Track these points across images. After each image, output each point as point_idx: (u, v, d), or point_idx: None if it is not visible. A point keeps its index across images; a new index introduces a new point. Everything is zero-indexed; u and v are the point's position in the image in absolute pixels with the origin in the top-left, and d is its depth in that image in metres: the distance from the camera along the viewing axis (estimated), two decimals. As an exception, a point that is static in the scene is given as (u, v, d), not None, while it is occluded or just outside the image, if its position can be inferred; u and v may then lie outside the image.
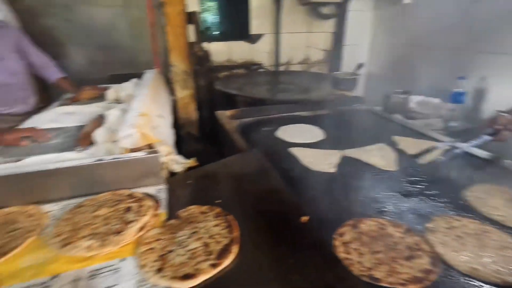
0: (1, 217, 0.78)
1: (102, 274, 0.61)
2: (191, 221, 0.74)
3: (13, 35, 1.76)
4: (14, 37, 1.76)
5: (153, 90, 1.61)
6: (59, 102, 1.92)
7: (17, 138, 1.18)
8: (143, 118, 1.04)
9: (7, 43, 1.69)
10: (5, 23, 1.81)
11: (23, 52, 1.79)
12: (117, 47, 2.57)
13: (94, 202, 0.81)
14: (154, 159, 0.89)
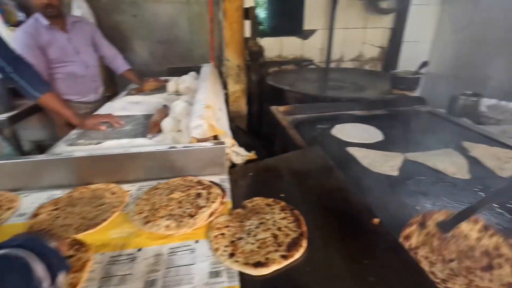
0: (90, 192, 0.88)
1: (180, 253, 0.66)
2: (257, 212, 0.76)
3: (90, 30, 1.95)
4: (90, 31, 1.94)
5: (211, 83, 1.68)
6: (125, 92, 2.10)
7: (96, 123, 1.32)
8: (208, 110, 1.10)
9: (84, 37, 1.88)
10: (83, 19, 2.01)
11: (97, 45, 1.98)
12: (176, 41, 2.72)
13: (167, 186, 0.88)
14: (220, 150, 0.94)
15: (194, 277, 0.59)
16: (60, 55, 1.73)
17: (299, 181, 0.88)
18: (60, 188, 0.91)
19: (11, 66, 1.14)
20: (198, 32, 2.70)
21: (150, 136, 1.21)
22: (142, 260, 0.64)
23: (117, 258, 0.65)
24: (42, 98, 1.21)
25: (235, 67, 2.20)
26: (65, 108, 1.27)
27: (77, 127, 1.35)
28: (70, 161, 0.90)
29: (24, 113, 1.87)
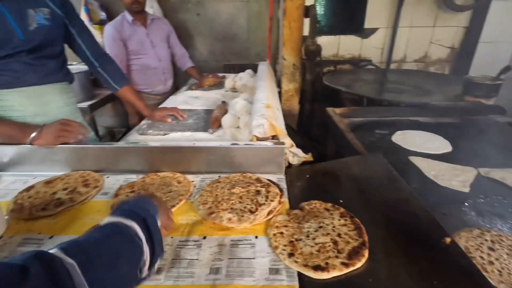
0: (159, 179, 0.97)
1: (241, 246, 0.70)
2: (315, 215, 0.76)
3: (166, 28, 2.17)
4: (167, 30, 2.16)
5: (269, 82, 1.71)
6: (186, 86, 2.24)
7: (164, 115, 1.44)
8: (268, 110, 1.12)
9: (161, 33, 2.10)
10: (161, 18, 2.22)
11: (170, 43, 2.18)
12: (234, 39, 2.81)
13: (228, 180, 0.93)
14: (280, 150, 0.96)
15: (255, 271, 0.62)
16: (138, 47, 1.96)
17: (359, 188, 0.86)
18: (135, 173, 1.02)
19: (98, 62, 1.30)
20: (255, 30, 2.75)
21: (211, 131, 1.29)
22: (207, 248, 0.69)
23: (185, 243, 0.71)
24: (121, 91, 1.36)
25: (290, 66, 2.20)
26: (138, 100, 1.41)
27: (146, 118, 1.49)
28: (144, 150, 1.00)
29: (101, 102, 2.11)
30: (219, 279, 0.61)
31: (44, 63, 1.07)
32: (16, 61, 1.00)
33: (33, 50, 1.02)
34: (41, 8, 1.03)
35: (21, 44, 0.99)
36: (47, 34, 1.05)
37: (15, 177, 1.01)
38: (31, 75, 1.04)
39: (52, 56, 1.11)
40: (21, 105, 1.04)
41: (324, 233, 0.70)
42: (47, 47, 1.07)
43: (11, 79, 1.00)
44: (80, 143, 1.03)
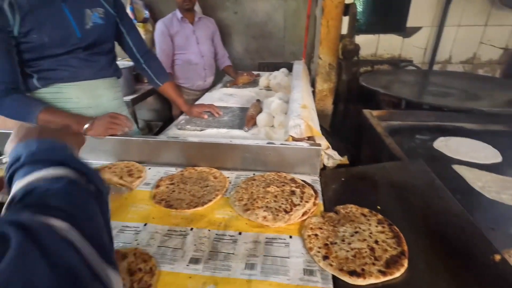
0: (197, 173, 1.01)
1: (276, 244, 0.71)
2: (351, 220, 0.75)
3: (212, 27, 2.29)
4: (212, 29, 2.27)
5: (305, 82, 1.70)
6: (221, 84, 2.29)
7: (201, 111, 1.49)
8: (305, 110, 1.12)
9: (206, 32, 2.21)
10: (209, 18, 2.32)
11: (214, 42, 2.27)
12: (269, 37, 2.81)
13: (263, 178, 0.94)
14: (316, 151, 0.95)
15: (289, 270, 0.63)
16: (183, 43, 2.09)
17: (399, 195, 0.83)
18: (174, 166, 1.07)
19: (143, 58, 1.37)
20: (291, 28, 2.73)
21: (246, 129, 1.31)
22: (242, 243, 0.71)
23: (222, 237, 0.73)
24: (162, 86, 1.43)
25: (326, 65, 2.16)
26: (178, 97, 1.47)
27: (184, 113, 1.55)
28: (183, 144, 1.05)
29: (141, 97, 2.23)
30: (254, 275, 0.62)
31: (97, 59, 1.16)
32: (74, 57, 1.09)
33: (88, 47, 1.11)
34: (96, 8, 1.12)
35: (79, 41, 1.07)
36: (101, 32, 1.13)
37: (69, 164, 1.11)
38: (86, 71, 1.12)
39: (104, 52, 1.19)
40: (77, 98, 1.13)
41: (360, 239, 0.69)
42: (100, 44, 1.15)
43: (69, 74, 1.09)
44: (126, 136, 1.10)
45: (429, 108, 1.74)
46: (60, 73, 1.08)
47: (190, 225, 0.78)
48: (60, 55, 1.05)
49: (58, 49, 1.03)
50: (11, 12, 0.89)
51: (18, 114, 0.99)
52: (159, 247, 0.70)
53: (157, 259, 0.66)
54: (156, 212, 0.84)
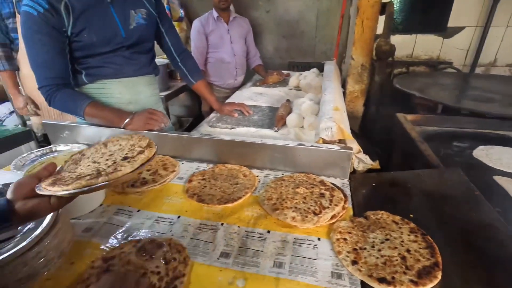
0: (227, 170, 1.05)
1: (304, 245, 0.72)
2: (382, 226, 0.74)
3: (246, 27, 2.34)
4: (246, 28, 2.32)
5: (336, 83, 1.67)
6: (251, 83, 2.31)
7: (231, 110, 1.52)
8: (337, 113, 1.11)
9: (240, 31, 2.26)
10: (243, 18, 2.37)
11: (246, 40, 2.31)
12: (300, 36, 2.79)
13: (292, 179, 0.95)
14: (347, 155, 0.94)
15: (317, 272, 0.64)
16: (217, 41, 2.15)
17: (434, 205, 0.80)
18: (205, 162, 1.11)
19: (180, 57, 1.43)
20: (323, 28, 2.69)
21: (276, 129, 1.32)
22: (271, 242, 0.73)
23: (251, 234, 0.76)
24: (196, 84, 1.48)
25: (358, 66, 2.11)
26: (210, 94, 1.51)
27: (215, 111, 1.60)
28: (215, 142, 1.08)
29: (174, 93, 2.32)
30: (282, 273, 0.64)
31: (138, 58, 1.22)
32: (118, 55, 1.16)
33: (131, 46, 1.18)
34: (140, 9, 1.18)
35: (123, 41, 1.14)
36: (143, 32, 1.20)
37: (109, 155, 1.19)
38: (128, 68, 1.20)
39: (145, 51, 1.26)
40: (119, 93, 1.21)
41: (391, 246, 0.68)
42: (142, 43, 1.22)
43: (113, 71, 1.17)
44: (161, 131, 1.15)
45: (469, 114, 1.65)
46: (105, 70, 1.16)
47: (220, 220, 0.81)
48: (106, 54, 1.13)
49: (105, 47, 1.10)
50: (66, 14, 0.97)
51: (68, 107, 1.08)
52: (192, 239, 0.74)
53: (190, 250, 0.70)
54: (189, 205, 0.88)
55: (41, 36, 0.97)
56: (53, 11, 0.95)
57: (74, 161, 0.67)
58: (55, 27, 0.97)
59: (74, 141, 1.23)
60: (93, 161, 0.64)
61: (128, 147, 0.68)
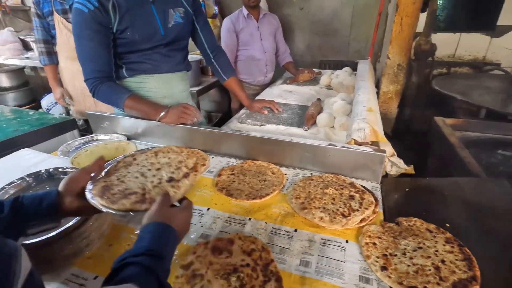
0: (255, 166, 1.06)
1: (331, 246, 0.71)
2: (415, 234, 0.72)
3: (275, 23, 2.33)
4: (276, 25, 2.31)
5: (370, 83, 1.62)
6: (281, 80, 2.31)
7: (261, 107, 1.53)
8: (371, 114, 1.08)
9: (270, 28, 2.25)
10: (272, 14, 2.36)
11: (276, 37, 2.30)
12: (334, 34, 2.73)
13: (321, 179, 0.94)
14: (379, 158, 0.92)
15: (344, 274, 0.63)
16: (247, 39, 2.16)
17: (473, 216, 0.76)
18: (234, 158, 1.13)
19: (213, 54, 1.46)
20: (358, 25, 2.60)
21: (306, 128, 1.31)
22: (297, 240, 0.73)
23: (278, 231, 0.76)
24: (227, 81, 1.50)
25: (395, 66, 2.03)
26: (240, 91, 1.53)
27: (245, 107, 1.61)
28: (245, 138, 1.10)
29: (206, 89, 2.37)
30: (309, 273, 0.64)
31: (174, 55, 1.27)
32: (156, 52, 1.21)
33: (169, 43, 1.22)
34: (178, 8, 1.22)
35: (161, 39, 1.19)
36: (180, 30, 1.24)
37: (145, 146, 1.25)
38: (165, 65, 1.25)
39: (180, 49, 1.30)
40: (155, 88, 1.27)
41: (424, 255, 0.65)
42: (178, 41, 1.26)
43: (151, 67, 1.22)
44: (194, 125, 1.19)
45: (518, 121, 1.52)
46: (144, 65, 1.21)
47: (248, 215, 0.82)
48: (145, 50, 1.18)
49: (145, 45, 1.16)
50: (113, 12, 1.03)
51: (110, 99, 1.15)
52: (221, 232, 0.76)
53: (218, 242, 0.72)
54: (218, 199, 0.90)
55: (90, 32, 1.04)
56: (102, 9, 1.01)
57: (125, 165, 0.70)
58: (102, 24, 1.04)
59: (113, 131, 1.31)
60: (141, 174, 0.67)
61: (175, 164, 0.71)
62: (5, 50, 3.08)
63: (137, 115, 1.22)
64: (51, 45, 2.01)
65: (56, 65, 2.05)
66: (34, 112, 1.89)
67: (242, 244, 0.69)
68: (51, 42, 1.99)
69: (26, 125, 1.62)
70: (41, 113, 1.88)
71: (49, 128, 1.57)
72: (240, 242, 0.70)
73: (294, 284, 0.61)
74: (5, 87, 3.30)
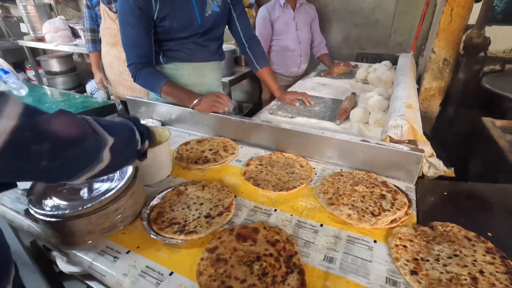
0: (284, 158, 1.05)
1: (358, 244, 0.69)
2: (451, 240, 0.67)
3: (312, 13, 2.25)
4: (312, 15, 2.24)
5: (411, 78, 1.52)
6: (315, 72, 2.25)
7: (293, 98, 1.51)
8: (410, 111, 1.01)
9: (306, 18, 2.18)
10: (308, 3, 2.28)
11: (311, 28, 2.23)
12: (374, 25, 2.58)
13: (351, 176, 0.91)
14: (416, 158, 0.86)
15: (370, 274, 0.61)
16: (282, 28, 2.11)
17: (521, 226, 0.69)
18: (263, 148, 1.13)
19: (248, 43, 1.45)
20: (402, 16, 2.43)
21: (338, 122, 1.27)
22: (323, 236, 0.72)
23: (303, 224, 0.76)
24: (260, 71, 1.50)
25: (440, 60, 1.88)
26: (273, 82, 1.52)
27: (276, 99, 1.60)
28: (275, 129, 1.09)
29: (238, 79, 2.38)
30: (333, 269, 0.63)
31: (209, 45, 1.28)
32: (191, 41, 1.23)
33: (204, 33, 1.24)
34: None
35: (198, 28, 1.21)
36: (216, 19, 1.25)
37: (177, 132, 1.29)
38: (199, 54, 1.27)
39: (215, 38, 1.31)
40: (188, 75, 1.30)
41: (460, 264, 0.61)
42: (213, 30, 1.27)
43: (186, 55, 1.25)
44: (225, 114, 1.21)
45: None
46: (179, 53, 1.25)
47: (274, 206, 0.82)
48: (182, 39, 1.21)
49: (182, 33, 1.18)
50: (154, 0, 1.07)
51: (148, 85, 1.20)
52: (246, 220, 0.77)
53: (243, 230, 0.73)
54: (245, 187, 0.91)
55: (133, 19, 1.08)
56: None
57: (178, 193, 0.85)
58: (145, 11, 1.08)
59: (149, 117, 1.37)
60: (187, 206, 0.80)
61: (215, 200, 0.81)
62: (57, 37, 3.32)
63: (172, 101, 1.27)
64: (97, 33, 2.15)
65: (99, 52, 2.18)
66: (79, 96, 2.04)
67: (267, 233, 0.69)
68: (97, 30, 2.13)
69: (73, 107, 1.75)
70: (86, 97, 2.01)
71: (92, 111, 1.69)
72: (265, 232, 0.70)
73: (317, 279, 0.61)
74: (56, 71, 3.58)
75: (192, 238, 0.69)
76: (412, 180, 0.90)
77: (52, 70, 3.57)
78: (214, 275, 0.60)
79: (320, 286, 0.59)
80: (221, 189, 0.85)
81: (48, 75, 3.61)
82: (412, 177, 0.90)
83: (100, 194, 0.70)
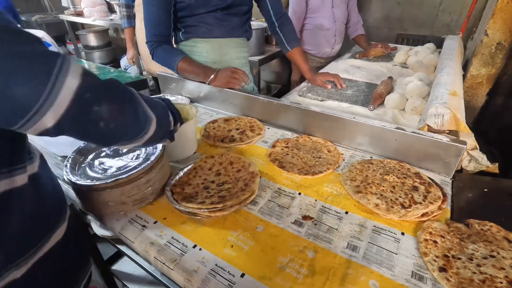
0: (311, 142, 1.02)
1: (384, 235, 0.67)
2: (488, 240, 0.63)
3: None
4: None
5: (458, 63, 1.39)
6: (349, 54, 2.13)
7: (324, 80, 1.44)
8: (454, 98, 0.93)
9: None
10: None
11: (348, 6, 2.06)
12: (419, 3, 2.37)
13: (382, 164, 0.87)
14: (457, 149, 0.80)
15: (395, 266, 0.59)
16: (317, 5, 1.94)
17: None
18: (290, 131, 1.11)
19: (278, 22, 1.39)
20: (453, -7, 2.20)
21: (372, 108, 1.21)
22: (347, 223, 0.70)
23: (328, 210, 0.74)
24: (291, 51, 1.44)
25: (493, 45, 1.70)
26: (304, 63, 1.46)
27: (307, 80, 1.54)
28: (304, 112, 1.06)
29: (268, 58, 2.33)
30: (355, 257, 0.62)
31: (230, 19, 1.23)
32: (211, 16, 1.19)
33: (225, 7, 1.19)
34: None
35: (218, 3, 1.16)
36: None
37: (205, 110, 1.30)
38: (218, 30, 1.23)
39: (238, 14, 1.25)
40: (206, 52, 1.27)
41: (496, 266, 0.57)
42: (236, 6, 1.21)
43: (205, 30, 1.22)
44: (240, 90, 1.19)
45: None
46: (198, 29, 1.22)
47: (298, 190, 0.81)
48: (201, 14, 1.18)
49: (202, 9, 1.16)
50: None
51: (165, 61, 1.21)
52: (269, 201, 0.77)
53: (265, 211, 0.74)
54: (269, 169, 0.90)
55: None
56: None
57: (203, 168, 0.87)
58: None
59: (179, 93, 1.39)
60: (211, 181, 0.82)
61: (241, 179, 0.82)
62: (94, 11, 3.42)
63: (188, 77, 1.27)
64: (131, 9, 2.17)
65: (133, 28, 2.22)
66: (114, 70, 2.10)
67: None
68: (132, 6, 2.16)
69: (107, 81, 1.80)
70: (120, 71, 2.08)
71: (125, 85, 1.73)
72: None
73: (339, 266, 0.60)
74: (93, 46, 3.72)
75: (216, 215, 0.70)
76: (449, 174, 0.85)
77: (89, 44, 3.71)
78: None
79: (342, 273, 0.58)
80: (247, 168, 0.85)
81: (86, 49, 3.77)
82: (449, 170, 0.84)
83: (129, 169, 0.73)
